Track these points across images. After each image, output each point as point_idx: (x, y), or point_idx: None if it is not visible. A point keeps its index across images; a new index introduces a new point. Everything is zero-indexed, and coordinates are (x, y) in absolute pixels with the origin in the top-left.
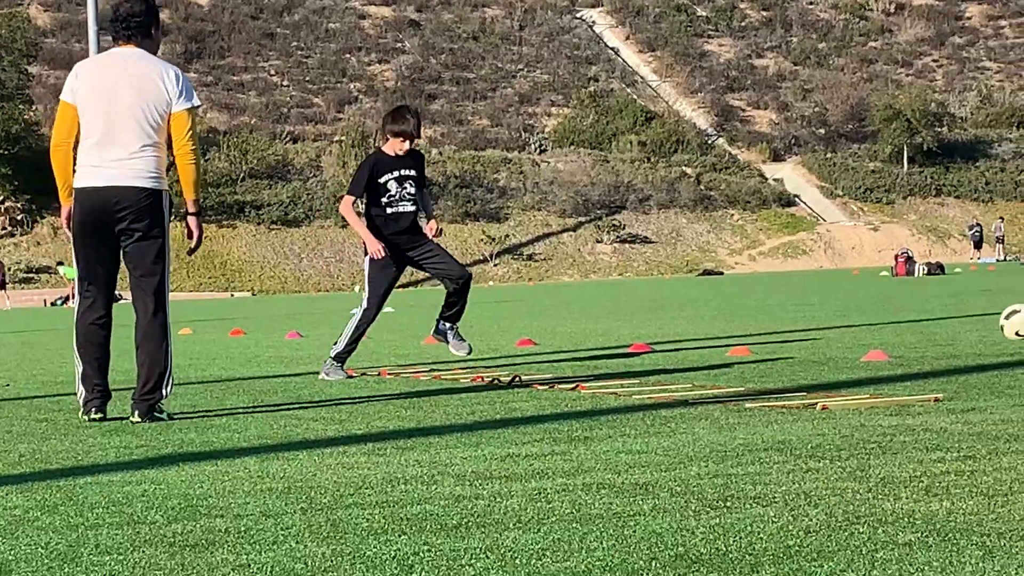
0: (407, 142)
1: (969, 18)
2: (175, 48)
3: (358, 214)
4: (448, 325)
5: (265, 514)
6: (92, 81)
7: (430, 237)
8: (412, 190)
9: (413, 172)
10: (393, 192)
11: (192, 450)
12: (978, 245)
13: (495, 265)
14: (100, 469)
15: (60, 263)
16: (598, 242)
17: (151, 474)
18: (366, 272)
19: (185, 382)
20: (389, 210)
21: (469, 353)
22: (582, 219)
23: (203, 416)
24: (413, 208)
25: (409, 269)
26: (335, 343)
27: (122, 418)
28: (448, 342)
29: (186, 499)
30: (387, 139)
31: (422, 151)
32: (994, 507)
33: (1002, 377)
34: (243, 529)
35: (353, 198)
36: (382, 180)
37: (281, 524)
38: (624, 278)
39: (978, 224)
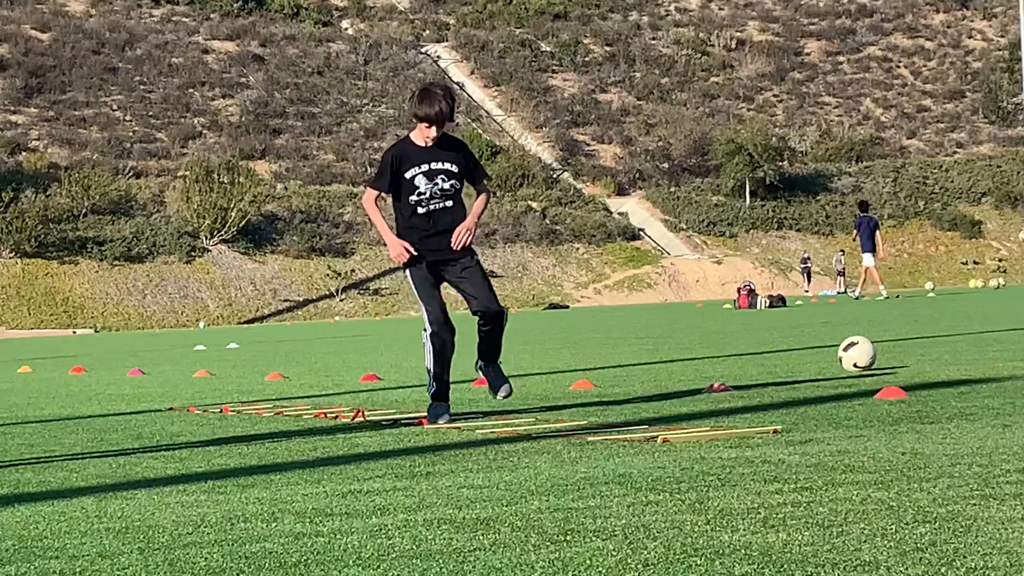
0: (434, 128)
1: (808, 54)
2: (15, 83)
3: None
4: (482, 364)
5: (101, 555)
6: None
7: (463, 232)
8: (447, 186)
9: (447, 164)
10: (423, 189)
11: (28, 490)
12: (808, 278)
13: (341, 300)
14: None
15: None
16: None
17: None
18: (411, 284)
19: (23, 421)
20: (420, 210)
21: (508, 395)
22: None
23: (40, 456)
24: (451, 205)
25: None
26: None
27: None
28: (487, 382)
29: (21, 540)
30: (415, 126)
31: (461, 138)
32: (829, 538)
33: (839, 408)
34: (78, 570)
35: (376, 192)
36: (408, 175)
37: (118, 564)
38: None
39: (807, 258)
